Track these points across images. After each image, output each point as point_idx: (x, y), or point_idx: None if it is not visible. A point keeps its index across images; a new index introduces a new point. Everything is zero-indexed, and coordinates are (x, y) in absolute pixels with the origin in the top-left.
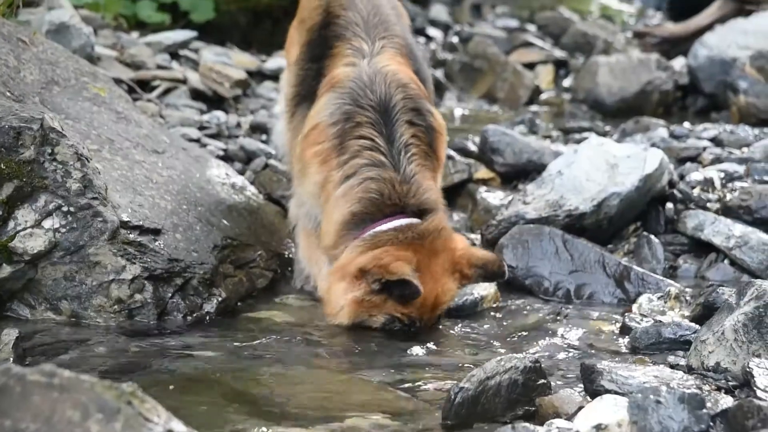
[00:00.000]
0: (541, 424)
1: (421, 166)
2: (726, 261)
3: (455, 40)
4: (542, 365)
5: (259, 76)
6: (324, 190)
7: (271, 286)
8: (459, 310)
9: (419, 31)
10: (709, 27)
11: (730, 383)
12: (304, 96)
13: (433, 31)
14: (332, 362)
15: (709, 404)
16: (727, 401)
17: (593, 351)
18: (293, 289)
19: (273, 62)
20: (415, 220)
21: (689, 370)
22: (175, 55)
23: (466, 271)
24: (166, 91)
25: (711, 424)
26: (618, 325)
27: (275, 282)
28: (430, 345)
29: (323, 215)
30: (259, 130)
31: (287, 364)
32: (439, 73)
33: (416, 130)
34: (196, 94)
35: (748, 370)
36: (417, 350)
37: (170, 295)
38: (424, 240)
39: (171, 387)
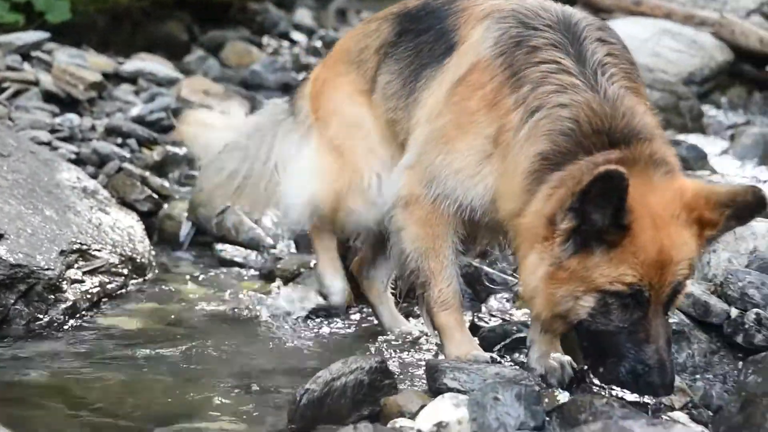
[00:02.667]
0: (386, 423)
1: (625, 88)
2: None
3: (319, 44)
4: (388, 365)
5: (116, 78)
6: (498, 146)
7: (121, 291)
8: (313, 312)
9: (283, 35)
10: None
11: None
12: (423, 65)
13: (297, 36)
14: (181, 368)
15: (547, 400)
16: (564, 397)
17: (439, 348)
18: (143, 294)
19: (131, 64)
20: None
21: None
22: (27, 57)
23: (709, 215)
24: (16, 93)
25: (547, 419)
26: (467, 325)
27: (125, 287)
28: (281, 347)
29: (502, 178)
30: (114, 133)
31: (134, 371)
32: (302, 77)
33: (611, 49)
34: (49, 97)
35: (584, 366)
36: (266, 354)
37: (12, 301)
38: (633, 167)
39: (12, 396)
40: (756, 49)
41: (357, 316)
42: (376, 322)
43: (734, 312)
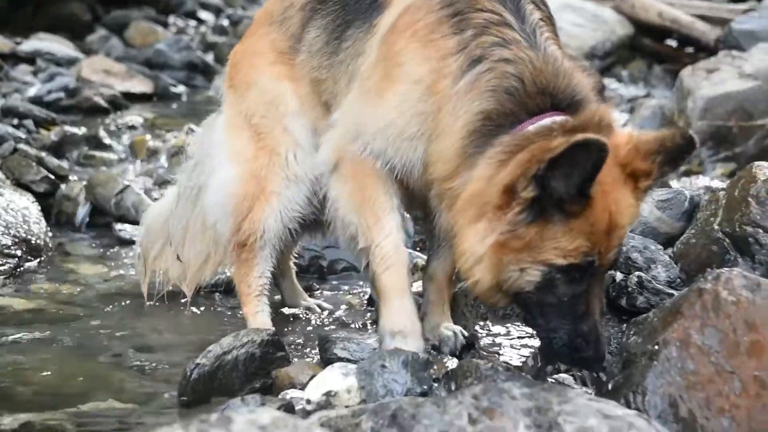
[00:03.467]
0: (277, 395)
1: (561, 51)
2: None
3: (226, 23)
4: (280, 338)
5: (13, 58)
6: (432, 93)
7: (16, 272)
8: (215, 286)
9: (190, 15)
10: None
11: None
12: (348, 21)
13: (204, 14)
14: (73, 348)
15: (435, 367)
16: (453, 363)
17: (338, 324)
18: (39, 275)
19: (29, 44)
20: (569, 118)
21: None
22: None
23: (642, 166)
24: None
25: (435, 384)
26: (365, 297)
27: (19, 268)
28: (177, 323)
29: (436, 133)
30: (10, 114)
31: (26, 352)
32: (210, 57)
33: (543, 15)
34: None
35: (473, 333)
36: (161, 330)
37: None
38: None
39: None
40: (656, 22)
41: None
42: (277, 297)
43: (619, 276)
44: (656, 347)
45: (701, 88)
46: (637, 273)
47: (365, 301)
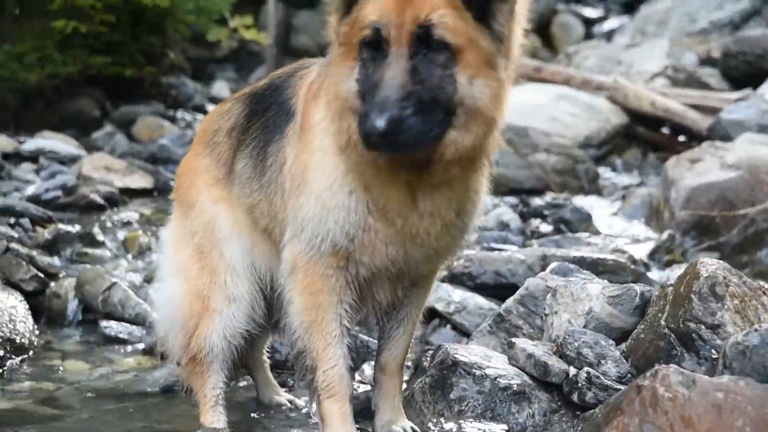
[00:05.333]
0: None
1: None
2: (448, 326)
3: None
4: None
5: (16, 158)
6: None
7: None
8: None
9: (198, 109)
10: None
11: None
12: (268, 140)
13: (212, 108)
14: None
15: None
16: None
17: (309, 422)
18: (21, 373)
19: (32, 143)
20: None
21: None
22: None
23: None
24: None
25: None
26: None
27: (1, 367)
28: (148, 420)
29: None
30: (8, 213)
31: None
32: None
33: None
34: None
35: (427, 429)
36: (130, 428)
37: None
38: None
39: None
40: (649, 112)
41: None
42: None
43: (572, 371)
44: None
45: (684, 178)
46: (586, 369)
47: None
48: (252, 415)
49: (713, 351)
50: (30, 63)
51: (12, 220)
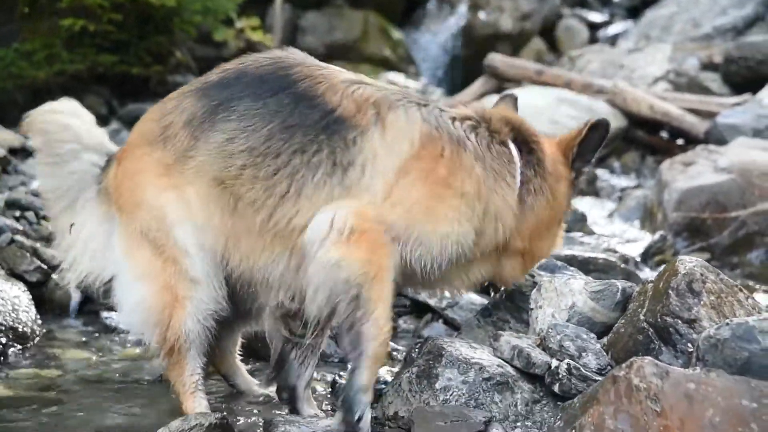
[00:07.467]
0: None
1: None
2: (440, 320)
3: None
4: (229, 421)
5: (23, 153)
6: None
7: (0, 359)
8: None
9: None
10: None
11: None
12: (291, 126)
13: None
14: None
15: None
16: None
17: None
18: (23, 361)
19: None
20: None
21: (376, 421)
22: None
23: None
24: None
25: None
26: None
27: (3, 355)
28: (143, 407)
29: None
30: (14, 206)
31: None
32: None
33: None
34: None
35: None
36: (125, 415)
37: None
38: None
39: None
40: (647, 115)
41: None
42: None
43: (554, 363)
44: (573, 431)
45: (677, 181)
46: (567, 360)
47: (330, 386)
48: (236, 402)
49: (689, 345)
50: (38, 61)
51: (17, 213)
